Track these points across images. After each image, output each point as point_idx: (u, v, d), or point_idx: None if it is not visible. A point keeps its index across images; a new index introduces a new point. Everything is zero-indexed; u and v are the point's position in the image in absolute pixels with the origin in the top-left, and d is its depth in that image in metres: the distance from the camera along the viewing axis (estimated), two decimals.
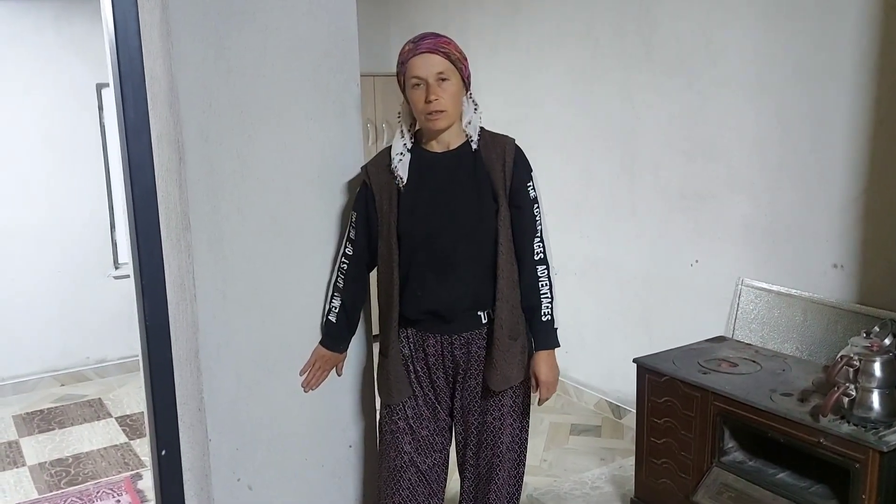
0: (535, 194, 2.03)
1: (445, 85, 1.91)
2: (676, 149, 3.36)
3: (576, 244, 3.95)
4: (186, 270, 1.82)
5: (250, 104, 1.94)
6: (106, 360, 4.72)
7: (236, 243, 1.96)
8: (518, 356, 2.03)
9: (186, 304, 1.83)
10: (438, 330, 2.02)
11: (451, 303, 2.00)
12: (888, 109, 2.59)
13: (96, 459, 3.58)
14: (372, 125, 5.01)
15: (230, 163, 1.90)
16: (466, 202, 1.98)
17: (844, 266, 2.76)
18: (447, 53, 1.91)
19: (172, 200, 1.79)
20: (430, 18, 4.94)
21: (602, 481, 3.16)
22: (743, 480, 2.43)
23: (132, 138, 1.32)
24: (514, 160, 1.98)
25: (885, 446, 2.06)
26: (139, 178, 1.34)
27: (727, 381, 2.53)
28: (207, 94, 1.84)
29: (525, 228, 2.02)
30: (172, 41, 1.75)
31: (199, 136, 1.82)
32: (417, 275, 2.00)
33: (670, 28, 3.32)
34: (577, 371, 4.06)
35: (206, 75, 1.83)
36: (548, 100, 4.04)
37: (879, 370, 2.16)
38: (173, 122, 1.77)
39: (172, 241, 1.81)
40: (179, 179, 1.79)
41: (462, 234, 1.98)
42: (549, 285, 2.05)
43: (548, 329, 2.04)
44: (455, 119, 1.97)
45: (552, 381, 2.06)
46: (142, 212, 1.35)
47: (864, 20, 2.62)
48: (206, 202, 1.84)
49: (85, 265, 4.59)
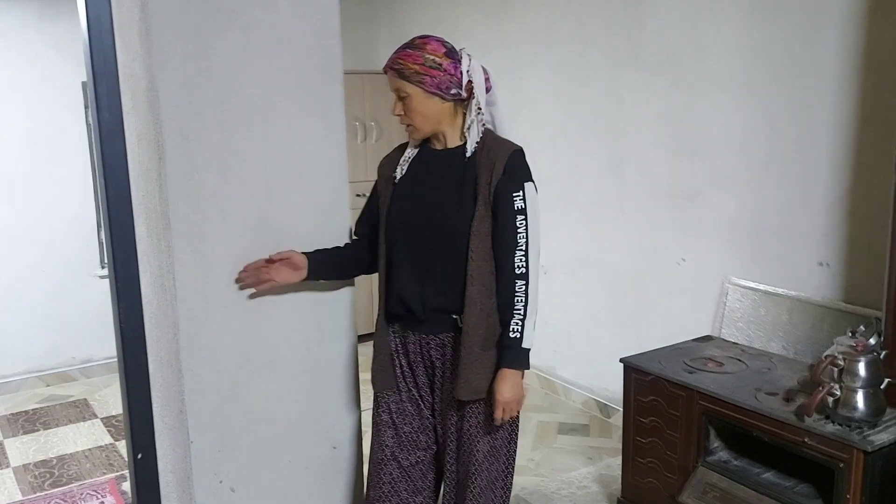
0: (523, 206, 1.93)
1: (406, 101, 1.93)
2: (663, 147, 3.36)
3: (564, 243, 3.95)
4: (167, 271, 1.80)
5: (232, 103, 1.92)
6: (92, 361, 4.69)
7: (217, 243, 1.94)
8: (489, 367, 1.96)
9: (167, 304, 1.81)
10: (416, 328, 2.03)
11: (422, 301, 1.99)
12: (873, 108, 2.59)
13: (81, 461, 3.55)
14: (360, 123, 4.99)
15: (211, 162, 1.88)
16: (446, 201, 1.97)
17: (830, 265, 2.76)
18: (399, 70, 1.90)
19: (152, 200, 1.77)
20: (419, 17, 4.93)
21: (589, 481, 3.16)
22: (728, 480, 2.43)
23: (107, 138, 1.30)
24: (504, 167, 1.92)
25: (870, 446, 2.06)
26: (114, 178, 1.32)
27: (713, 380, 2.53)
28: (188, 93, 1.82)
29: (505, 239, 1.93)
30: (152, 40, 1.73)
31: (180, 135, 1.80)
32: (398, 269, 2.03)
33: (657, 27, 3.32)
34: (565, 370, 4.06)
35: (186, 74, 1.81)
36: (537, 99, 4.03)
37: (864, 370, 2.16)
38: (153, 121, 1.74)
39: (153, 242, 1.79)
40: (159, 179, 1.77)
41: (439, 233, 1.97)
42: (524, 302, 1.93)
43: (514, 347, 1.93)
44: (429, 129, 1.97)
45: (511, 403, 1.95)
46: (116, 212, 1.33)
47: (848, 19, 2.62)
48: (186, 202, 1.82)
49: (70, 264, 4.56)
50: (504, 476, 2.09)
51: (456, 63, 1.93)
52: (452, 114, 1.98)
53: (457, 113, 1.98)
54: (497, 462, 2.05)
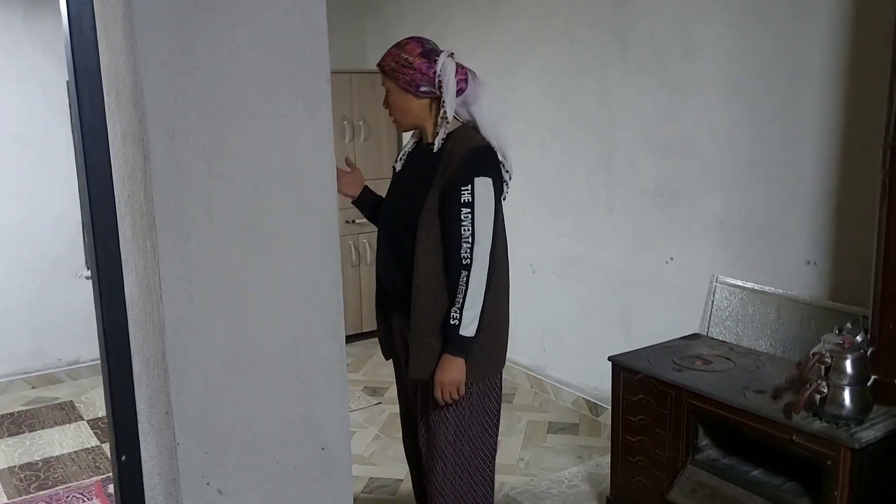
0: (470, 199, 2.01)
1: (387, 96, 2.14)
2: (652, 147, 3.37)
3: (553, 242, 3.95)
4: (152, 271, 1.78)
5: (218, 101, 1.90)
6: (78, 362, 4.65)
7: (204, 243, 1.92)
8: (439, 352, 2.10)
9: (153, 305, 1.80)
10: (396, 309, 2.25)
11: (391, 283, 2.21)
12: (858, 108, 2.61)
13: (67, 463, 3.52)
14: (349, 122, 4.98)
15: (197, 161, 1.86)
16: (412, 192, 2.14)
17: (817, 263, 2.78)
18: (382, 67, 2.11)
19: (137, 200, 1.75)
20: (408, 16, 4.92)
21: (578, 480, 3.16)
22: (716, 478, 2.44)
23: (89, 137, 1.29)
24: (458, 163, 2.02)
25: (857, 443, 2.07)
26: (96, 178, 1.31)
27: (701, 378, 2.54)
28: (173, 91, 1.80)
29: (451, 231, 2.04)
30: (136, 37, 1.71)
31: (165, 133, 1.78)
32: (381, 255, 2.27)
33: (645, 27, 3.32)
34: (555, 369, 4.06)
35: (172, 72, 1.79)
36: (526, 98, 4.03)
37: (851, 367, 2.17)
38: (138, 119, 1.73)
39: (138, 242, 1.77)
40: (144, 178, 1.75)
41: (405, 224, 2.14)
42: (465, 292, 2.03)
43: (452, 334, 2.05)
44: (408, 123, 2.17)
45: (449, 386, 2.08)
46: (99, 211, 1.31)
47: (834, 21, 2.64)
48: (171, 201, 1.80)
49: (56, 265, 4.51)
50: (469, 464, 2.19)
51: (430, 63, 2.06)
52: (430, 111, 2.13)
53: (435, 110, 2.13)
54: (462, 446, 2.17)
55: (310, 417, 2.23)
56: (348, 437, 2.36)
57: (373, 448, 3.56)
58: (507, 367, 3.91)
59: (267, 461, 2.16)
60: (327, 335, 2.23)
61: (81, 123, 1.21)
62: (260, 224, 2.05)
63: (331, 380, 2.25)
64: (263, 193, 2.04)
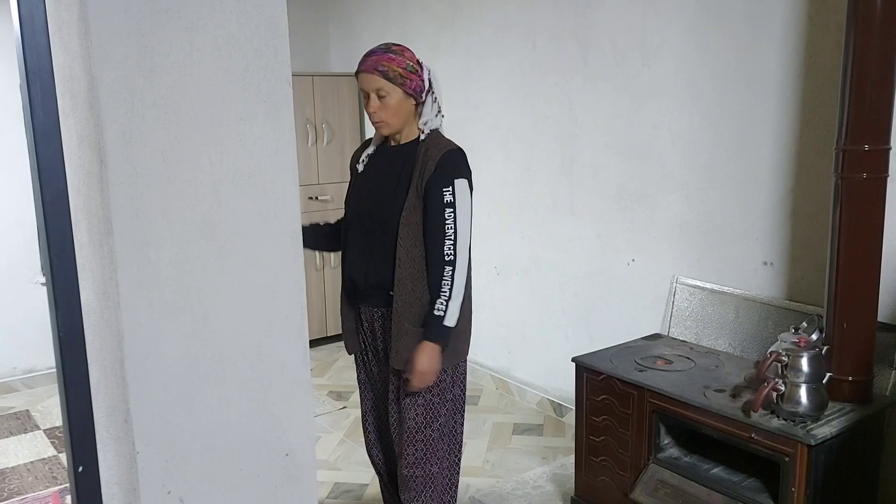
0: (452, 200, 2.14)
1: (385, 100, 2.16)
2: (613, 150, 3.41)
3: (517, 245, 3.97)
4: (109, 277, 1.75)
5: (176, 104, 1.87)
6: (34, 371, 4.54)
7: (163, 248, 1.89)
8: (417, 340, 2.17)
9: (110, 312, 1.76)
10: (363, 301, 2.31)
11: (365, 278, 2.26)
12: (812, 111, 2.67)
13: (23, 474, 3.43)
14: (311, 125, 4.94)
15: (155, 165, 1.83)
16: (386, 191, 2.20)
17: (774, 263, 2.84)
18: (384, 72, 2.13)
19: (94, 205, 1.72)
20: (370, 20, 4.90)
21: (543, 480, 3.18)
22: (678, 476, 2.48)
23: (41, 140, 1.26)
24: (436, 164, 2.14)
25: (813, 440, 2.12)
26: (50, 183, 1.28)
27: (662, 378, 2.58)
28: (130, 95, 1.77)
29: (434, 229, 2.15)
30: (91, 39, 1.68)
31: (122, 137, 1.75)
32: (349, 250, 2.32)
33: (605, 33, 3.36)
34: (520, 370, 4.08)
35: (128, 75, 1.76)
36: (488, 103, 4.05)
37: (807, 365, 2.22)
38: (94, 123, 1.69)
39: (94, 248, 1.74)
40: (101, 183, 1.72)
41: (376, 220, 2.22)
42: (450, 286, 2.15)
43: (437, 324, 2.15)
44: (399, 126, 2.21)
45: (426, 373, 2.17)
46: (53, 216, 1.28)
47: (789, 26, 2.70)
48: (129, 206, 1.77)
49: (10, 271, 4.40)
50: (438, 447, 2.28)
51: (421, 69, 2.20)
52: (415, 114, 2.23)
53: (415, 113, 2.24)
54: (431, 432, 2.26)
55: (273, 423, 2.21)
56: (313, 443, 2.34)
57: (338, 453, 3.54)
58: (473, 370, 3.92)
59: (229, 468, 2.13)
60: (290, 340, 2.21)
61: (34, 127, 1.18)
62: (220, 229, 2.02)
63: (294, 385, 2.23)
64: (224, 198, 2.01)
